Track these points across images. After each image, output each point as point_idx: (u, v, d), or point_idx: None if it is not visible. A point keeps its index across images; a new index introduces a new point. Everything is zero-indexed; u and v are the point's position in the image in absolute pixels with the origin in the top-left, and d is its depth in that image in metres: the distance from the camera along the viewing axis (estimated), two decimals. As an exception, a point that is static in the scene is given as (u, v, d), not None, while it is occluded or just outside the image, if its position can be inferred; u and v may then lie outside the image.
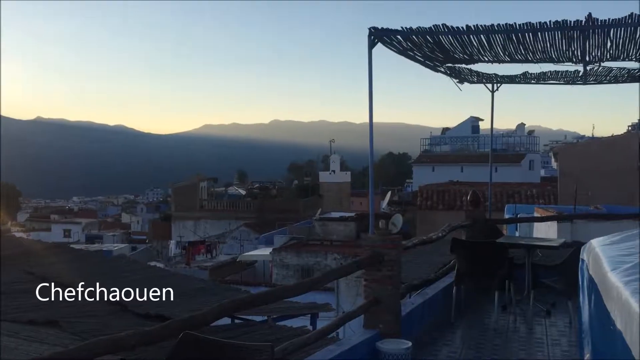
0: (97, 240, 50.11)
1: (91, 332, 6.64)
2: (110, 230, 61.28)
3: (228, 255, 34.42)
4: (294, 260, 25.20)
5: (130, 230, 65.60)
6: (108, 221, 76.44)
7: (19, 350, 6.39)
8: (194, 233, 44.06)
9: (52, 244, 17.83)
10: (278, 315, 8.38)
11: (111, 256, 18.65)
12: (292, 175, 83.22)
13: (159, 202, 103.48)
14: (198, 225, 45.71)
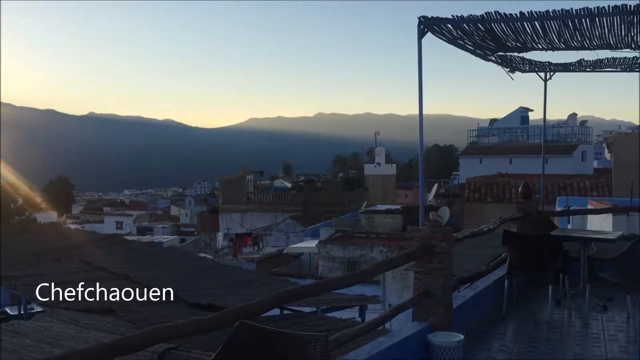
0: (147, 232, 51.38)
1: (146, 320, 6.82)
2: (160, 223, 62.75)
3: (274, 247, 34.70)
4: (340, 253, 25.21)
5: (179, 222, 66.98)
6: (158, 213, 78.20)
7: (77, 337, 6.62)
8: (240, 225, 44.62)
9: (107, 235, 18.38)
10: (327, 307, 8.41)
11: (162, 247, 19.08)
12: (337, 168, 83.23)
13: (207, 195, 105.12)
14: (245, 217, 46.25)
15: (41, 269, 10.89)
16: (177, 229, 57.36)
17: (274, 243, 37.20)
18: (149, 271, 10.37)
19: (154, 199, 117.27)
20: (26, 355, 5.80)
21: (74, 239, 16.37)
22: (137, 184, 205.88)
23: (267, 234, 39.66)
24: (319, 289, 4.53)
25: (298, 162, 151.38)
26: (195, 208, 77.66)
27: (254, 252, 34.52)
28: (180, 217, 75.02)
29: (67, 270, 10.64)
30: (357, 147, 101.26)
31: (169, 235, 47.32)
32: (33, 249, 14.00)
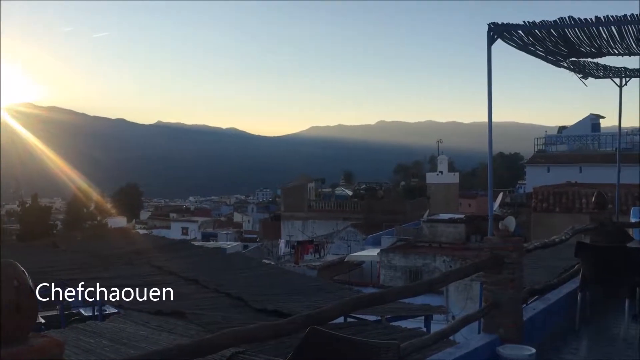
0: (212, 238, 52.49)
1: (215, 324, 6.97)
2: (223, 229, 63.99)
3: (335, 255, 34.75)
4: (402, 262, 24.98)
5: (242, 229, 68.06)
6: (221, 220, 79.66)
7: (150, 338, 6.85)
8: (302, 233, 44.93)
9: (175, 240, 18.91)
10: (392, 316, 8.37)
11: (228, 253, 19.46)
12: (399, 176, 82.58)
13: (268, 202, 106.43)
14: (306, 225, 46.52)
15: (114, 272, 11.32)
16: (240, 235, 58.31)
17: (335, 251, 37.25)
18: (217, 276, 10.61)
19: (217, 206, 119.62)
20: (103, 355, 6.05)
21: (144, 243, 16.95)
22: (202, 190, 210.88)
23: (328, 242, 39.76)
24: (387, 297, 4.53)
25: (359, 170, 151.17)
26: (257, 215, 78.71)
27: (315, 259, 34.69)
28: (243, 223, 76.22)
29: (138, 273, 11.02)
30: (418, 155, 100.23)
31: (232, 241, 48.17)
32: (106, 252, 14.59)
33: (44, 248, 15.56)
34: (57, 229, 70.63)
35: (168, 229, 63.10)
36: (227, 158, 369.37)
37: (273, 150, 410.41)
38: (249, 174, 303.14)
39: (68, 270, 11.43)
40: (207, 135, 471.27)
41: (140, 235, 34.99)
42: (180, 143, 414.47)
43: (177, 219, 73.77)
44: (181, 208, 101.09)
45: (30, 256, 13.02)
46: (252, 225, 73.20)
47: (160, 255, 13.60)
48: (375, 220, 40.75)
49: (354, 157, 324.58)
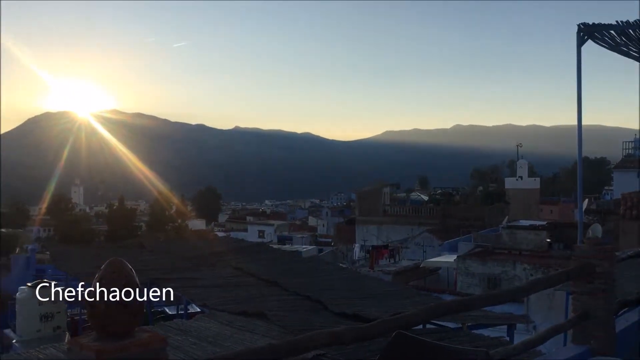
0: (287, 241, 53.21)
1: (296, 326, 7.09)
2: (298, 232, 64.79)
3: (411, 260, 34.39)
4: (480, 269, 24.38)
5: (316, 232, 68.61)
6: (296, 223, 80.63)
7: (234, 338, 7.05)
8: (376, 237, 44.76)
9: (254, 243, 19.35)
10: (473, 324, 8.20)
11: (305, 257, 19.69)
12: (476, 181, 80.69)
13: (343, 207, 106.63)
14: (381, 229, 46.30)
15: (198, 272, 11.73)
16: (314, 239, 58.80)
17: (410, 256, 36.89)
18: (295, 279, 10.77)
19: (292, 210, 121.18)
20: (190, 352, 6.28)
21: (224, 246, 17.44)
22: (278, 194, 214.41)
23: (404, 247, 39.41)
24: (474, 304, 4.46)
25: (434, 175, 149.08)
26: (331, 219, 79.08)
27: (390, 264, 34.47)
28: (318, 227, 76.79)
29: (221, 274, 11.36)
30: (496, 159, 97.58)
31: (307, 245, 48.65)
32: (188, 253, 15.13)
33: (132, 248, 16.33)
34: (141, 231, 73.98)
35: (245, 231, 64.54)
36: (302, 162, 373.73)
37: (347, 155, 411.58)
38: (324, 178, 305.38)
39: (153, 270, 11.94)
40: (283, 140, 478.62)
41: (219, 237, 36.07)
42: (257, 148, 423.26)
43: (254, 222, 75.31)
44: (257, 211, 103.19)
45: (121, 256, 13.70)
46: (327, 229, 73.65)
47: (240, 257, 13.95)
48: (452, 225, 40.02)
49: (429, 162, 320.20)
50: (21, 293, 13.79)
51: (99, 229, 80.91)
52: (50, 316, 13.59)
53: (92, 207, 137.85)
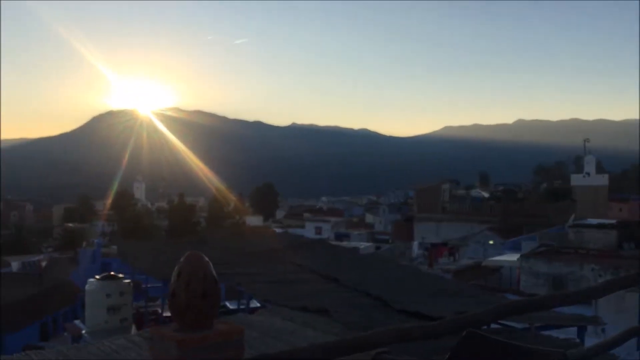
0: (344, 238, 53.22)
1: (357, 323, 7.09)
2: (355, 229, 64.69)
3: (471, 259, 33.81)
4: (544, 268, 23.70)
5: (373, 229, 68.34)
6: (353, 221, 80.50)
7: (296, 333, 7.11)
8: (435, 235, 44.23)
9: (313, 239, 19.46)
10: (541, 324, 7.98)
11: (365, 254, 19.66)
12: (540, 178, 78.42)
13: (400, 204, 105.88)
14: (440, 227, 45.74)
15: (259, 268, 11.89)
16: (372, 236, 58.59)
17: (471, 254, 36.27)
18: (355, 276, 10.77)
19: (349, 207, 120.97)
20: (255, 346, 6.37)
21: (283, 242, 17.62)
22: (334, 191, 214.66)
23: (464, 245, 38.79)
24: (546, 304, 4.32)
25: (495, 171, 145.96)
26: (389, 216, 78.60)
27: (449, 262, 33.98)
28: (375, 224, 76.48)
29: (281, 270, 11.48)
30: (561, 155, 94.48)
31: (365, 242, 48.54)
32: (249, 249, 15.36)
33: (194, 244, 16.71)
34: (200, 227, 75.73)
35: (302, 228, 64.95)
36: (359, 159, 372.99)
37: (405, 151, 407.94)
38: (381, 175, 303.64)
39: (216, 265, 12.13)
40: (340, 136, 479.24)
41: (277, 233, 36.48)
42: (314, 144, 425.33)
43: (311, 218, 75.68)
44: (314, 208, 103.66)
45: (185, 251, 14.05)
46: (384, 226, 73.26)
47: (299, 254, 14.07)
48: (514, 223, 39.07)
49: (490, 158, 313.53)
50: (90, 286, 14.33)
51: (159, 224, 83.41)
52: (117, 308, 14.07)
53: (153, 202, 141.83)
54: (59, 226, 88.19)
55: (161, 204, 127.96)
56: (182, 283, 2.49)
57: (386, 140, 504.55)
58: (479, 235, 39.46)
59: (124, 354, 6.06)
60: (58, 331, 25.00)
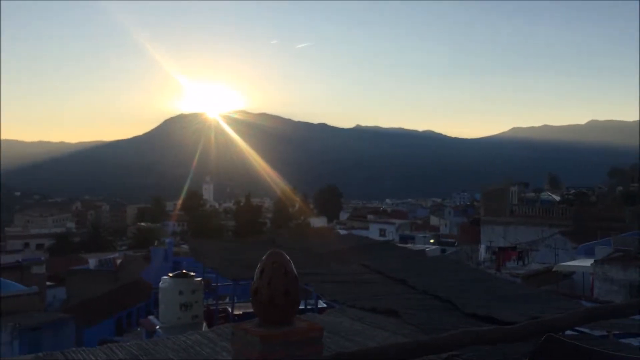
0: (409, 240, 52.79)
1: (427, 325, 7.04)
2: (420, 232, 64.02)
3: (541, 263, 32.82)
4: (620, 275, 22.70)
5: (439, 232, 67.44)
6: (418, 223, 79.72)
7: (365, 334, 7.15)
8: (503, 238, 43.16)
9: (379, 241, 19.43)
10: (620, 332, 7.68)
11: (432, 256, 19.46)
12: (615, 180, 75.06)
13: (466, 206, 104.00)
14: (508, 230, 44.58)
15: (326, 268, 11.99)
16: (437, 238, 57.84)
17: (541, 259, 35.22)
18: (423, 278, 10.69)
19: (413, 208, 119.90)
20: (327, 345, 6.45)
21: (348, 243, 17.71)
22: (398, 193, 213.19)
23: (533, 249, 37.72)
24: (623, 311, 4.20)
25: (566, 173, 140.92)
26: (454, 219, 77.44)
27: (518, 267, 33.13)
28: (440, 227, 75.47)
29: (349, 271, 11.53)
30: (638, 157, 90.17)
31: (429, 244, 47.97)
32: (316, 249, 15.52)
33: (263, 244, 17.03)
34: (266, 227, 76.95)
35: (366, 230, 64.85)
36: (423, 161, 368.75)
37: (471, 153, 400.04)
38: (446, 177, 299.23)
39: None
40: (404, 138, 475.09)
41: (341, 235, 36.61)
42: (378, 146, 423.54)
43: (375, 220, 75.43)
44: (378, 210, 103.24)
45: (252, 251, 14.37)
46: (449, 228, 72.23)
47: (365, 255, 14.08)
48: (587, 228, 37.56)
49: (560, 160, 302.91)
50: (163, 283, 14.82)
51: (227, 224, 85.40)
52: (189, 305, 14.48)
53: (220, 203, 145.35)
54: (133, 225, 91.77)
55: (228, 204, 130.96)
56: (265, 280, 2.59)
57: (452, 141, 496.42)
58: (549, 239, 38.24)
59: (198, 349, 6.28)
60: (132, 326, 26.04)
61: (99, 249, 55.24)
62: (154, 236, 63.27)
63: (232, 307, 14.60)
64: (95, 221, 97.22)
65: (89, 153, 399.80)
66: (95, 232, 74.84)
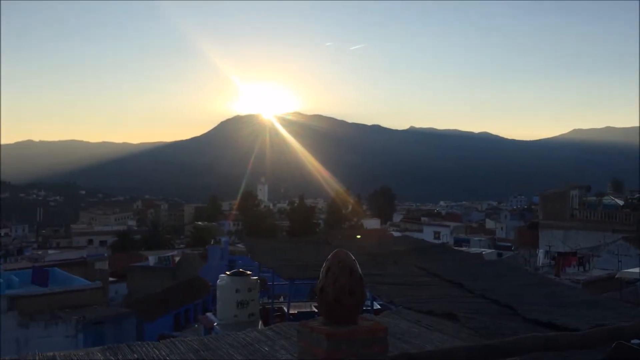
0: (464, 243, 51.89)
1: (486, 329, 6.93)
2: (475, 235, 62.84)
3: (603, 270, 31.73)
4: (689, 283, 21.70)
5: (494, 236, 66.07)
6: (473, 226, 78.42)
7: (423, 336, 7.10)
8: (563, 243, 41.87)
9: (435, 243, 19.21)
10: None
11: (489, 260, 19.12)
12: (683, 184, 71.66)
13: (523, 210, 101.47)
14: (567, 235, 43.23)
15: (381, 269, 11.95)
16: (493, 242, 56.63)
17: (603, 265, 34.04)
18: (481, 282, 10.51)
19: (468, 211, 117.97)
20: (387, 345, 6.44)
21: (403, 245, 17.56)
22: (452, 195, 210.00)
23: (595, 255, 36.43)
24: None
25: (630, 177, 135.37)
26: (511, 222, 75.72)
27: (578, 273, 32.10)
28: (496, 230, 73.95)
29: (404, 273, 11.47)
30: None
31: (486, 248, 47.03)
32: (370, 251, 15.47)
33: (318, 244, 17.13)
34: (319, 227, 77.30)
35: (420, 232, 64.18)
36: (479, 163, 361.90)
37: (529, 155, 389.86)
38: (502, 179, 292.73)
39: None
40: (459, 139, 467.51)
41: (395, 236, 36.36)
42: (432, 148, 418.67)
43: (429, 222, 74.62)
44: (432, 212, 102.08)
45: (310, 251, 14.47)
46: (506, 232, 70.63)
47: (420, 257, 13.95)
48: (654, 234, 36.03)
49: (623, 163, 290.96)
50: (221, 281, 15.12)
51: (281, 224, 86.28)
52: (246, 303, 14.73)
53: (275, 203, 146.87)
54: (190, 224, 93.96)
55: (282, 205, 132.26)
56: (331, 279, 2.62)
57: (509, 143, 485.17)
58: (612, 245, 36.86)
59: (257, 346, 6.38)
60: (189, 322, 26.67)
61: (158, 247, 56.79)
62: (210, 235, 64.52)
63: (289, 307, 14.76)
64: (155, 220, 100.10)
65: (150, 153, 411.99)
66: (155, 230, 76.96)
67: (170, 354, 5.97)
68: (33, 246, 69.96)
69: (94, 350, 5.97)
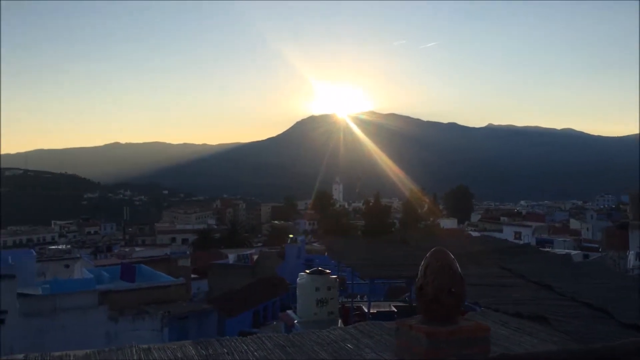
0: (547, 244, 49.94)
1: (578, 333, 6.64)
2: (559, 236, 60.32)
3: (703, 273, 29.60)
4: None
5: (580, 236, 63.23)
6: (556, 226, 75.37)
7: (511, 339, 6.87)
8: (656, 245, 39.47)
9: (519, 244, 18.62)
10: None
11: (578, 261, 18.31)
12: None
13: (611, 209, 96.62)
14: (661, 236, 40.71)
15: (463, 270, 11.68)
16: (578, 243, 54.19)
17: (702, 269, 31.77)
18: (571, 284, 10.08)
19: (551, 211, 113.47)
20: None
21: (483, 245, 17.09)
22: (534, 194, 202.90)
23: (693, 258, 34.11)
24: None
25: None
26: (597, 223, 72.14)
27: (674, 276, 30.18)
28: (582, 231, 70.72)
29: (488, 273, 11.17)
30: None
31: (570, 249, 45.10)
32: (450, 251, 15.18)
33: (395, 243, 16.99)
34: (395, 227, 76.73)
35: (500, 232, 62.34)
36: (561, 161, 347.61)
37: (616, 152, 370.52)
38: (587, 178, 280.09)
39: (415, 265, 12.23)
40: (540, 136, 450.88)
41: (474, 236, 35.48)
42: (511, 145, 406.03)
43: (509, 222, 72.35)
44: (512, 212, 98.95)
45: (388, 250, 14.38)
46: (592, 233, 67.37)
47: (503, 258, 13.54)
48: None
49: None
50: (301, 279, 15.31)
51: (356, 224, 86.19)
52: (325, 302, 14.85)
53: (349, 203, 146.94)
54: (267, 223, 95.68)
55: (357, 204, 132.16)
56: (430, 278, 2.59)
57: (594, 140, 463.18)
58: None
59: (342, 344, 6.40)
60: (267, 319, 27.13)
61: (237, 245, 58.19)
62: (287, 234, 65.41)
63: (369, 305, 14.74)
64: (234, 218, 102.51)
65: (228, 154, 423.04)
66: (233, 229, 78.82)
67: (257, 349, 6.10)
68: (121, 243, 73.53)
69: (186, 344, 6.20)
